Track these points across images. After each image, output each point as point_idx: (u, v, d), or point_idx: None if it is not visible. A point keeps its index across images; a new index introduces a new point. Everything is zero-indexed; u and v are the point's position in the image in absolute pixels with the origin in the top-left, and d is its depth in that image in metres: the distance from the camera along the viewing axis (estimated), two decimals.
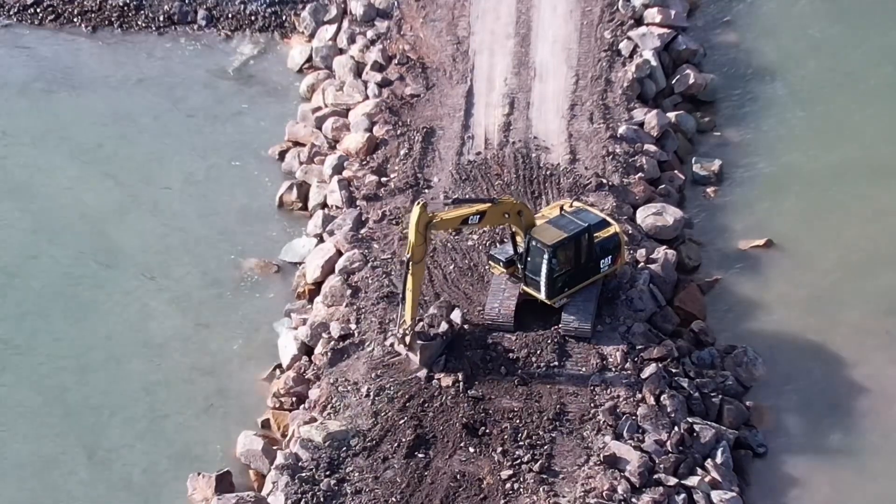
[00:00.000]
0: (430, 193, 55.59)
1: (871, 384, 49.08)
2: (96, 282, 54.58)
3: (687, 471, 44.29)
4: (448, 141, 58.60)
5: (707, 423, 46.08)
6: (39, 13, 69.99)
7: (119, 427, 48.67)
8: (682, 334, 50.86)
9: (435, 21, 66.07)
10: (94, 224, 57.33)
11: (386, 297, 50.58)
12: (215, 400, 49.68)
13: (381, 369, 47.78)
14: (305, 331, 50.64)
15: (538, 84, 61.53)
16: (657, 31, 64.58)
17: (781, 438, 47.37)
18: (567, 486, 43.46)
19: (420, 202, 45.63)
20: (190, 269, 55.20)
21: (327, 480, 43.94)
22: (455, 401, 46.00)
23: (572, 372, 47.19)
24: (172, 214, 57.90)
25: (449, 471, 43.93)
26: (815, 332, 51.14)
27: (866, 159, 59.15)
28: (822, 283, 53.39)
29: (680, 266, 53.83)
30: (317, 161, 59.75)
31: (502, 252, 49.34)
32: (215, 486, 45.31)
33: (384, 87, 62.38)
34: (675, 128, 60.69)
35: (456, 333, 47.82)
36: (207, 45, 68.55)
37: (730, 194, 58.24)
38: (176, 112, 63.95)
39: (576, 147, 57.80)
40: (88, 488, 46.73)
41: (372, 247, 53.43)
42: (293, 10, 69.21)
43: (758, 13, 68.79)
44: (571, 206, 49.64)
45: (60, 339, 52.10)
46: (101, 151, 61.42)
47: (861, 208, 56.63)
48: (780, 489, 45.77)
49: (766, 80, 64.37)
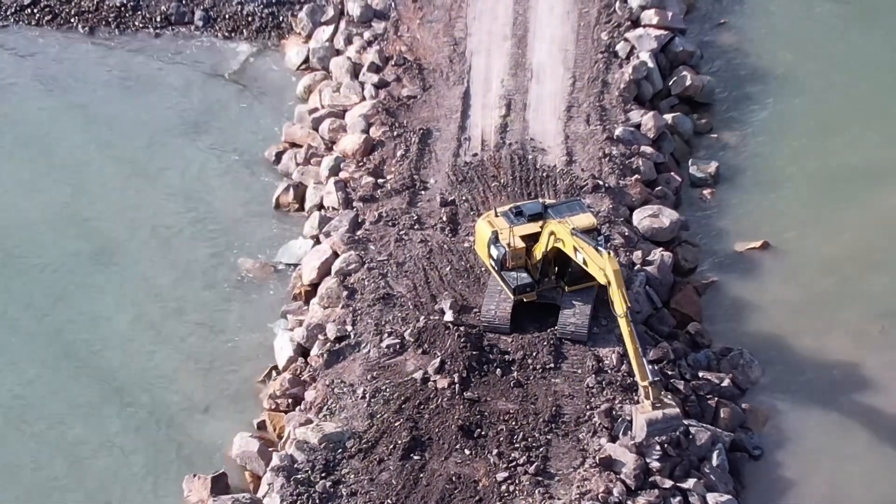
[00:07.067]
0: (427, 195, 55.63)
1: (867, 386, 49.12)
2: (91, 282, 54.55)
3: (682, 473, 44.28)
4: (445, 142, 58.60)
5: (703, 426, 46.07)
6: (37, 14, 69.93)
7: (114, 428, 48.63)
8: (679, 336, 50.91)
9: (432, 22, 66.08)
10: (90, 225, 57.28)
11: (382, 299, 50.60)
12: (211, 401, 49.67)
13: (377, 371, 47.79)
14: (301, 332, 50.65)
15: (535, 85, 61.54)
16: (654, 33, 64.61)
17: (777, 441, 47.41)
18: (562, 488, 43.46)
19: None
20: (186, 269, 55.17)
21: (323, 482, 43.93)
22: (451, 403, 45.98)
23: (568, 374, 47.21)
24: (169, 215, 57.87)
25: (444, 473, 43.93)
26: (811, 334, 51.18)
27: (863, 161, 59.23)
28: (818, 285, 53.44)
29: (676, 268, 53.87)
30: (313, 162, 59.76)
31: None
32: (211, 488, 45.32)
33: (381, 88, 62.36)
34: (672, 129, 60.71)
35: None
36: (204, 46, 68.52)
37: (726, 196, 58.28)
38: (172, 113, 63.90)
39: (572, 149, 57.81)
40: (85, 489, 46.68)
41: (368, 248, 53.40)
42: (290, 11, 69.19)
43: (755, 15, 68.82)
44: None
45: (56, 339, 52.06)
46: (97, 152, 61.37)
47: (858, 210, 56.68)
48: (776, 492, 45.79)
49: (762, 82, 64.42)
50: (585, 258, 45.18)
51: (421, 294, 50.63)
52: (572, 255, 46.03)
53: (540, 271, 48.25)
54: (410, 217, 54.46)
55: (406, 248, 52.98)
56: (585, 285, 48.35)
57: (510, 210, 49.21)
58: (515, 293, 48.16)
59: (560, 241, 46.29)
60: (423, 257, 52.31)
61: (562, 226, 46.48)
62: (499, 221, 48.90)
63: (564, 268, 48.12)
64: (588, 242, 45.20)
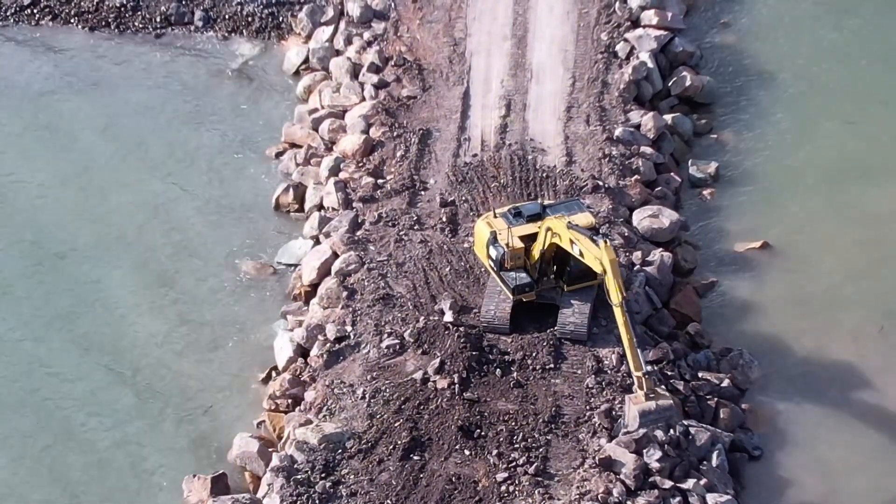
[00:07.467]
0: (427, 196, 55.62)
1: (867, 387, 49.10)
2: (91, 283, 54.54)
3: (682, 473, 44.26)
4: (444, 143, 58.59)
5: (703, 426, 46.07)
6: (37, 14, 69.94)
7: (114, 429, 48.64)
8: (678, 337, 50.91)
9: (432, 22, 66.06)
10: (88, 225, 57.27)
11: (382, 300, 50.59)
12: (211, 402, 49.66)
13: (377, 371, 47.80)
14: (301, 333, 50.65)
15: (535, 86, 61.53)
16: (654, 33, 64.61)
17: (777, 441, 47.41)
18: (562, 488, 43.46)
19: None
20: (186, 270, 55.16)
21: (323, 482, 43.95)
22: (450, 403, 45.99)
23: (568, 374, 47.20)
24: (168, 215, 57.86)
25: (444, 473, 43.93)
26: (811, 334, 51.18)
27: (863, 162, 59.21)
28: (818, 285, 53.43)
29: (676, 268, 53.86)
30: (313, 163, 59.75)
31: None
32: (211, 488, 45.36)
33: (381, 88, 62.36)
34: (672, 130, 60.70)
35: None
36: (204, 46, 68.50)
37: (726, 196, 58.25)
38: (172, 113, 63.88)
39: (572, 149, 57.79)
40: (84, 490, 46.69)
41: (368, 249, 53.39)
42: (290, 11, 69.16)
43: (755, 15, 68.79)
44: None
45: (55, 339, 52.06)
46: (96, 152, 61.38)
47: (858, 211, 56.68)
48: (776, 492, 45.80)
49: (762, 82, 64.38)
50: (582, 249, 45.18)
51: (421, 294, 50.63)
52: (569, 248, 46.00)
53: (539, 271, 48.25)
54: (410, 217, 54.46)
55: (406, 248, 52.98)
56: (585, 285, 48.36)
57: (509, 211, 49.23)
58: (514, 293, 48.16)
59: (557, 236, 46.29)
60: (423, 258, 52.31)
61: (558, 220, 46.52)
62: (497, 222, 48.91)
63: (563, 267, 48.12)
64: (584, 233, 45.25)
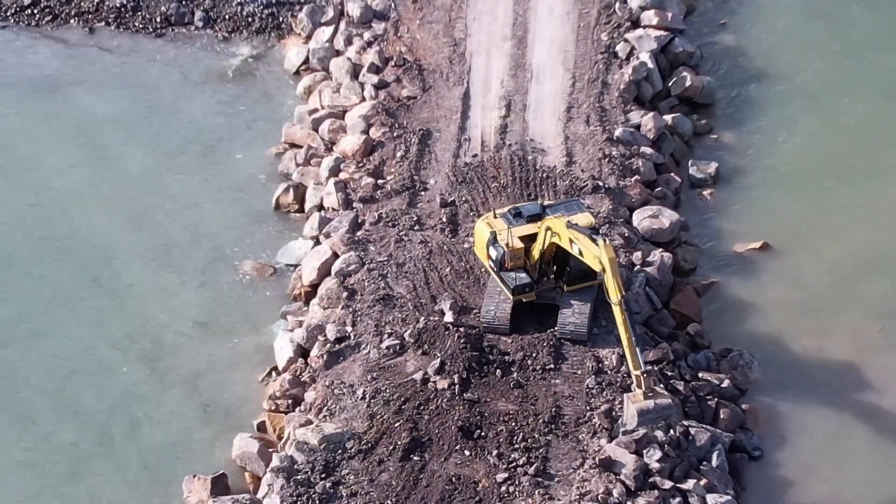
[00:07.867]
0: (427, 196, 55.61)
1: (866, 387, 49.11)
2: (91, 283, 54.54)
3: (682, 474, 44.28)
4: (444, 143, 58.60)
5: (703, 426, 46.08)
6: (36, 14, 69.96)
7: (114, 429, 48.63)
8: (678, 337, 50.90)
9: (432, 23, 66.07)
10: (88, 226, 57.26)
11: (382, 300, 50.60)
12: (211, 402, 49.67)
13: (377, 372, 47.80)
14: (301, 333, 50.65)
15: (535, 86, 61.54)
16: (654, 34, 64.64)
17: (777, 441, 47.41)
18: (562, 489, 43.47)
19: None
20: (186, 270, 55.17)
21: (323, 483, 43.95)
22: (451, 404, 46.00)
23: (568, 375, 47.21)
24: (168, 216, 57.86)
25: (444, 474, 43.93)
26: (811, 334, 51.18)
27: (863, 162, 59.21)
28: (818, 285, 53.43)
29: (676, 269, 53.87)
30: (313, 163, 59.76)
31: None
32: (211, 489, 45.36)
33: (381, 88, 62.38)
34: (672, 130, 60.73)
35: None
36: (204, 46, 68.51)
37: (726, 197, 58.28)
38: (172, 113, 63.88)
39: (572, 149, 57.80)
40: (83, 490, 46.69)
41: (368, 249, 53.40)
42: (290, 11, 69.22)
43: (755, 16, 68.83)
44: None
45: (56, 340, 52.07)
46: (96, 153, 61.38)
47: (858, 211, 56.66)
48: (776, 492, 45.81)
49: (762, 82, 64.42)
50: (581, 248, 45.19)
51: (421, 295, 50.64)
52: (568, 247, 46.01)
53: (539, 271, 48.25)
54: (410, 218, 54.47)
55: (406, 248, 52.99)
56: (585, 285, 48.39)
57: (509, 211, 49.24)
58: (514, 293, 48.16)
59: (556, 236, 46.31)
60: (423, 258, 52.31)
61: (557, 220, 46.54)
62: (497, 223, 48.92)
63: (563, 268, 48.13)
64: (583, 232, 45.26)
